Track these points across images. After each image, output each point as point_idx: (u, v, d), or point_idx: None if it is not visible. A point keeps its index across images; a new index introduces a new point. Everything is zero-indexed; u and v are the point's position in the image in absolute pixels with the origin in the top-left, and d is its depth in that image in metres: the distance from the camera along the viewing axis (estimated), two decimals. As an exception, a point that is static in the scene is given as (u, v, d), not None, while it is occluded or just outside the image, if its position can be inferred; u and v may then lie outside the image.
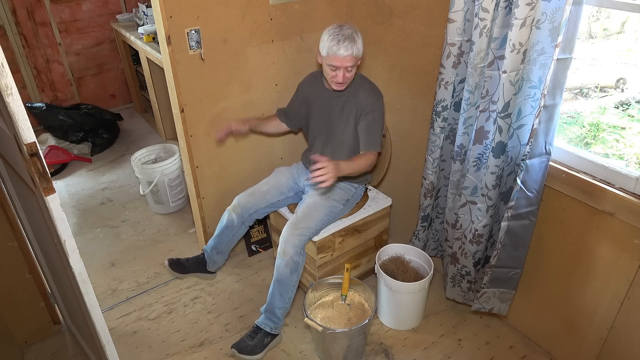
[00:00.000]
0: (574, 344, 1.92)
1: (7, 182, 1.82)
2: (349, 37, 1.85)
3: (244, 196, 2.23)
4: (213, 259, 2.34)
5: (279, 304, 2.05)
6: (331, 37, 1.86)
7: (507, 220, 1.77)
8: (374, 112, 2.01)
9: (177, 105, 2.16)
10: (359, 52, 1.89)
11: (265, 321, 2.08)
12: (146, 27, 3.48)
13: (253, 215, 2.23)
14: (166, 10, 1.95)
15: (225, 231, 2.25)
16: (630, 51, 1.73)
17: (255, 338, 2.06)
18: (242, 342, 2.07)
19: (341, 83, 1.95)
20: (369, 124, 2.01)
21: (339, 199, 2.13)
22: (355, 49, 1.86)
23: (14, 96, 1.08)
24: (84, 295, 1.36)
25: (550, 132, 1.65)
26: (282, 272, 2.01)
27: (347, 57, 1.86)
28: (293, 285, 2.06)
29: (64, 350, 2.14)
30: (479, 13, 1.62)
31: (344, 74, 1.91)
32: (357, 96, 2.03)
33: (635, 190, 1.57)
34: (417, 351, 2.10)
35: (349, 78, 1.94)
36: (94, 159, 3.72)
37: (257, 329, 2.08)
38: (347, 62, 1.88)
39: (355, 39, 1.87)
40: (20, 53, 3.83)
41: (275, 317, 2.07)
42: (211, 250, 2.32)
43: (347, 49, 1.84)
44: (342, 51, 1.84)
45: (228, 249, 2.34)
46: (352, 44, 1.85)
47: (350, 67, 1.90)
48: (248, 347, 2.05)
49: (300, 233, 2.01)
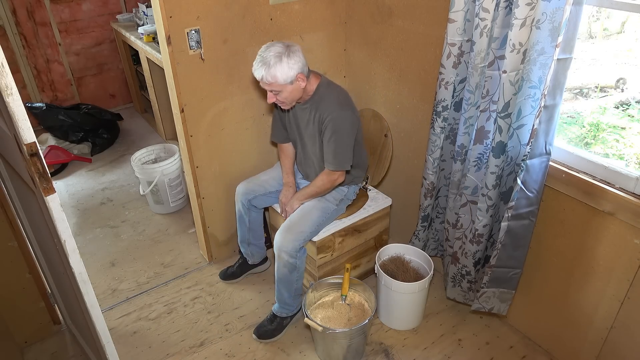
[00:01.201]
0: (574, 344, 1.92)
1: (7, 182, 1.82)
2: (264, 60, 1.77)
3: (243, 183, 2.27)
4: (248, 252, 2.41)
5: (287, 296, 2.11)
6: (258, 54, 1.82)
7: (507, 220, 1.77)
8: (334, 125, 1.89)
9: (177, 105, 2.16)
10: (273, 77, 1.77)
11: (280, 309, 2.15)
12: (146, 27, 3.48)
13: (252, 201, 2.25)
14: (166, 10, 1.95)
15: (240, 222, 2.32)
16: (630, 51, 1.73)
17: (274, 322, 2.16)
18: (261, 327, 2.15)
19: (281, 103, 1.90)
20: (329, 140, 1.92)
21: (331, 199, 2.13)
22: (266, 74, 1.77)
23: (14, 96, 1.08)
24: (84, 295, 1.36)
25: (550, 132, 1.65)
26: (282, 272, 2.05)
27: (261, 81, 1.82)
28: (296, 279, 2.08)
29: (64, 350, 2.14)
30: (479, 13, 1.62)
31: (273, 97, 1.87)
32: (318, 110, 1.95)
33: (635, 190, 1.57)
34: (417, 351, 2.10)
35: (280, 101, 1.88)
36: (94, 159, 3.72)
37: (274, 315, 2.15)
38: (264, 85, 1.83)
39: (269, 64, 1.76)
40: (20, 53, 3.83)
41: (287, 304, 2.14)
42: (242, 244, 2.39)
43: (258, 71, 1.79)
44: (256, 73, 1.81)
45: (255, 237, 2.37)
46: (265, 67, 1.77)
47: (273, 90, 1.83)
48: (268, 332, 2.14)
49: (294, 238, 2.00)
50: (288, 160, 2.25)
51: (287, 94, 1.86)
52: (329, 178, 2.02)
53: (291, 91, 1.86)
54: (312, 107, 1.97)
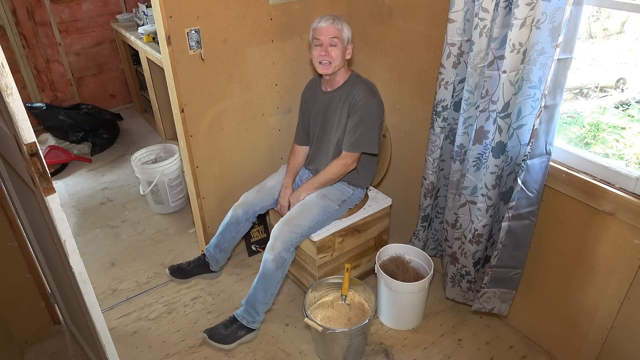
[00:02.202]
0: (574, 344, 1.92)
1: (7, 182, 1.82)
2: (332, 15, 1.97)
3: (251, 193, 2.26)
4: (216, 257, 2.35)
5: (260, 299, 2.06)
6: (316, 19, 1.99)
7: (508, 221, 1.77)
8: (364, 109, 1.99)
9: (177, 105, 2.16)
10: (342, 26, 1.95)
11: (243, 314, 2.09)
12: (146, 27, 3.48)
13: (258, 211, 2.26)
14: (166, 10, 1.95)
15: (229, 227, 2.27)
16: (630, 51, 1.73)
17: (229, 328, 2.08)
18: (215, 329, 2.08)
19: (325, 59, 1.96)
20: (357, 122, 2.01)
21: (334, 199, 2.13)
22: (337, 22, 1.95)
23: (14, 96, 1.08)
24: (84, 295, 1.36)
25: (550, 132, 1.65)
26: (269, 266, 2.02)
27: (329, 27, 1.93)
28: (277, 281, 2.06)
29: (64, 350, 2.14)
30: (479, 13, 1.62)
31: (327, 49, 1.94)
32: (351, 94, 2.03)
33: (635, 190, 1.57)
34: (417, 351, 2.10)
35: (333, 57, 1.96)
36: (94, 159, 3.73)
37: (234, 319, 2.09)
38: (330, 32, 1.93)
39: (339, 17, 1.96)
40: (20, 53, 3.83)
41: (255, 311, 2.08)
42: (214, 249, 2.34)
43: (328, 20, 1.94)
44: (323, 22, 1.94)
45: (231, 246, 2.35)
46: (334, 18, 1.95)
47: (334, 40, 1.94)
48: (220, 336, 2.06)
49: (291, 230, 2.01)
50: (296, 161, 2.29)
51: (340, 51, 1.97)
52: (343, 162, 2.05)
53: (342, 52, 1.98)
54: (344, 93, 2.05)
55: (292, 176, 2.26)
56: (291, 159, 2.31)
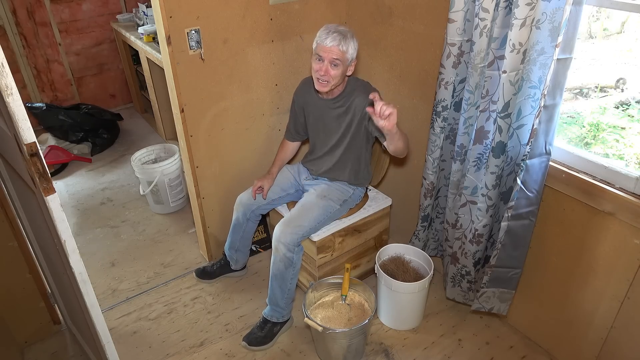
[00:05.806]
0: (574, 344, 1.92)
1: (7, 182, 1.82)
2: (341, 32, 1.85)
3: (245, 194, 2.27)
4: (233, 257, 2.42)
5: (280, 295, 2.09)
6: (324, 29, 1.88)
7: (507, 220, 1.77)
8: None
9: (177, 105, 2.16)
10: (347, 48, 1.86)
11: (271, 312, 2.13)
12: (146, 27, 3.48)
13: (256, 211, 2.27)
14: (166, 10, 1.95)
15: (235, 229, 2.33)
16: (630, 51, 1.73)
17: (264, 329, 2.12)
18: (252, 334, 2.13)
19: (324, 78, 1.90)
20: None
21: (335, 199, 2.13)
22: (343, 43, 1.85)
23: (14, 96, 1.08)
24: (84, 295, 1.36)
25: (550, 132, 1.65)
26: (278, 267, 2.04)
27: (333, 48, 1.84)
28: (291, 278, 2.07)
29: (64, 350, 2.14)
30: (479, 13, 1.63)
31: (328, 68, 1.88)
32: (352, 103, 2.01)
33: (635, 190, 1.57)
34: (417, 351, 2.10)
35: (332, 76, 1.89)
36: (94, 159, 3.72)
37: (265, 320, 2.13)
38: (333, 54, 1.85)
39: (346, 36, 1.86)
40: (20, 53, 3.82)
41: (279, 307, 2.11)
42: (229, 250, 2.40)
43: (335, 39, 1.84)
44: (329, 41, 1.84)
45: (244, 245, 2.39)
46: (341, 37, 1.84)
47: (336, 61, 1.86)
48: (258, 339, 2.10)
49: (292, 231, 2.01)
50: (284, 155, 2.34)
51: (341, 71, 1.90)
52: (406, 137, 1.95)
53: (343, 71, 1.92)
54: (345, 101, 2.03)
55: (278, 167, 2.30)
56: (280, 152, 2.34)
